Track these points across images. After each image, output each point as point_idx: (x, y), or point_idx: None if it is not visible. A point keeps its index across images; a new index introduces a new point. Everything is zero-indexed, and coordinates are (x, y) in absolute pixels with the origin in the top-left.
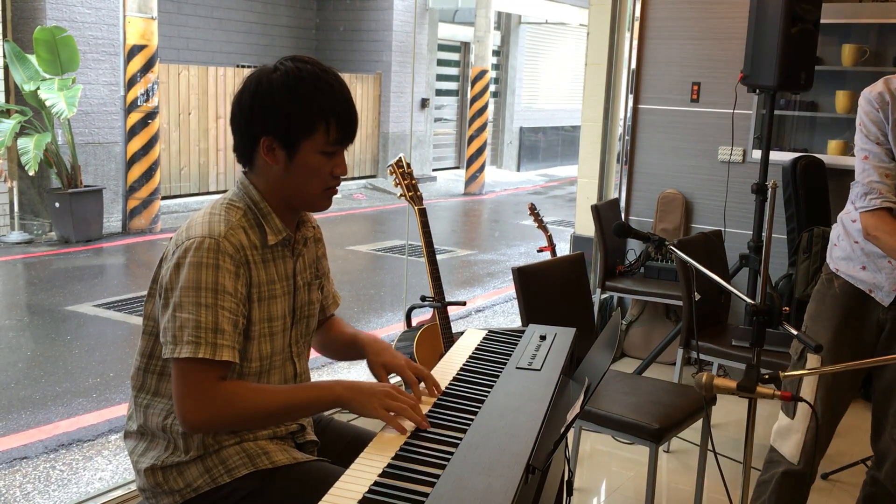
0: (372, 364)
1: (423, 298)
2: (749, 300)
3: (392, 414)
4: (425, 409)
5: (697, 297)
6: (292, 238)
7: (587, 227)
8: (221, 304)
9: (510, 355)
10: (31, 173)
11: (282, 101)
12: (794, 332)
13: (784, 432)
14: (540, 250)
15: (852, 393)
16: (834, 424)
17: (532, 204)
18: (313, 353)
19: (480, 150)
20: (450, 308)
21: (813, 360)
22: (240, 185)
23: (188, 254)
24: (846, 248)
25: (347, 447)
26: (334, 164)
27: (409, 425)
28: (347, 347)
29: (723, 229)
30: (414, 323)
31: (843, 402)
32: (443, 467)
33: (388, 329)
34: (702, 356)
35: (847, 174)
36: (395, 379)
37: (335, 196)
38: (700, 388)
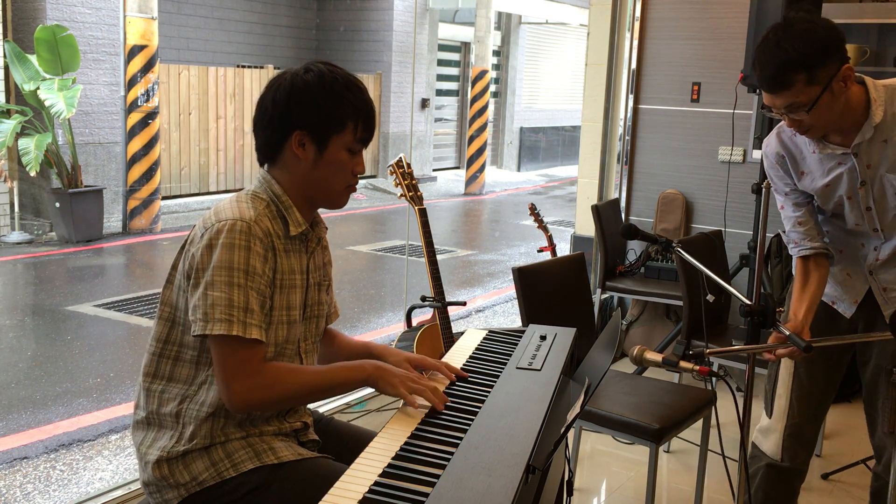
0: (396, 363)
1: (424, 298)
2: (746, 300)
3: (412, 395)
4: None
5: (711, 298)
6: (309, 233)
7: (587, 228)
8: (251, 284)
9: (510, 355)
10: (32, 174)
11: (318, 97)
12: (787, 333)
13: (764, 431)
14: (540, 250)
15: (829, 391)
16: (815, 423)
17: (532, 204)
18: None
19: (481, 151)
20: (450, 308)
21: (787, 360)
22: (262, 179)
23: (220, 235)
24: None
25: (347, 447)
26: (355, 163)
27: (424, 403)
28: (358, 356)
29: (723, 229)
30: (414, 323)
31: (820, 403)
32: (443, 467)
33: (388, 329)
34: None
35: None
36: None
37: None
38: (633, 360)
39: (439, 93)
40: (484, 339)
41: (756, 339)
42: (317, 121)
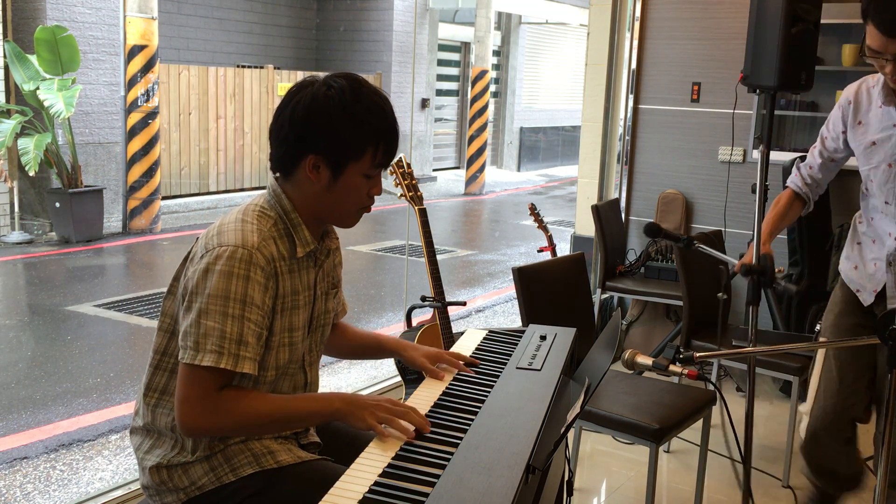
0: (412, 358)
1: (424, 298)
2: (734, 261)
3: (384, 426)
4: (425, 409)
5: (723, 296)
6: (318, 249)
7: (587, 227)
8: (248, 316)
9: (510, 355)
10: (31, 173)
11: (337, 123)
12: (783, 285)
13: (802, 418)
14: (540, 250)
15: (864, 375)
16: (848, 404)
17: (532, 204)
18: None
19: (481, 151)
20: (450, 308)
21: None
22: (272, 192)
23: (219, 261)
24: (849, 247)
25: (348, 448)
26: (371, 185)
27: (400, 434)
28: (368, 348)
29: (723, 229)
30: (414, 323)
31: (852, 385)
32: (443, 467)
33: (388, 329)
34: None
35: (846, 174)
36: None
37: None
38: (624, 363)
39: (439, 93)
40: (484, 339)
41: (757, 298)
42: (334, 147)
